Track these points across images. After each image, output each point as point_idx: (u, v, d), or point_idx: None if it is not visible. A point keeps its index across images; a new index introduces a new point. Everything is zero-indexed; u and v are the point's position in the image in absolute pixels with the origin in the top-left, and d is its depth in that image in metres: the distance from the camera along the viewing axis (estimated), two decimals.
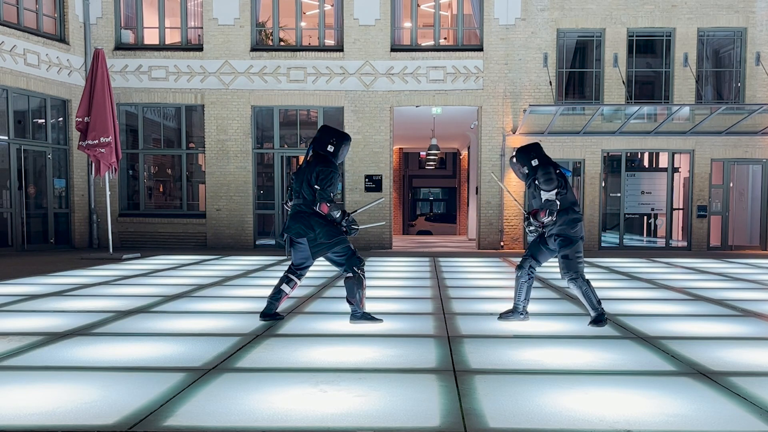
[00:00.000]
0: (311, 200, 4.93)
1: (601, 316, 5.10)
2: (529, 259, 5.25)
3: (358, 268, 5.06)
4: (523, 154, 5.16)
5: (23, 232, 13.04)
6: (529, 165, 5.11)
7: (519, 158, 5.17)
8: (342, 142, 5.02)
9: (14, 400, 3.16)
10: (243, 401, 3.16)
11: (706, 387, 3.46)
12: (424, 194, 33.81)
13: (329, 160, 4.99)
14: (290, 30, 15.16)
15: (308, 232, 4.93)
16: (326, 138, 5.01)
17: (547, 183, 4.96)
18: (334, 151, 4.98)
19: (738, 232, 15.19)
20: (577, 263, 5.05)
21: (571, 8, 14.24)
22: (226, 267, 10.08)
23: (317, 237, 4.94)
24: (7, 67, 12.51)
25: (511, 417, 2.97)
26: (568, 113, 14.30)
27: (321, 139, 5.01)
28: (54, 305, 6.16)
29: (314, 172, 4.90)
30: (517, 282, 5.29)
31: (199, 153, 14.93)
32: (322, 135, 5.05)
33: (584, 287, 5.05)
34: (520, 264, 5.29)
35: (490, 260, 11.83)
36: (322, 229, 4.95)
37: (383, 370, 3.76)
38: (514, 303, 5.34)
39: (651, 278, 8.77)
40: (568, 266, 5.05)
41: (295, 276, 5.19)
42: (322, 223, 4.95)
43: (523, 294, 5.28)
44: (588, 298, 5.08)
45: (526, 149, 5.20)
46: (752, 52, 14.16)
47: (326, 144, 4.98)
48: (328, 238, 4.96)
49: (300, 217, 4.98)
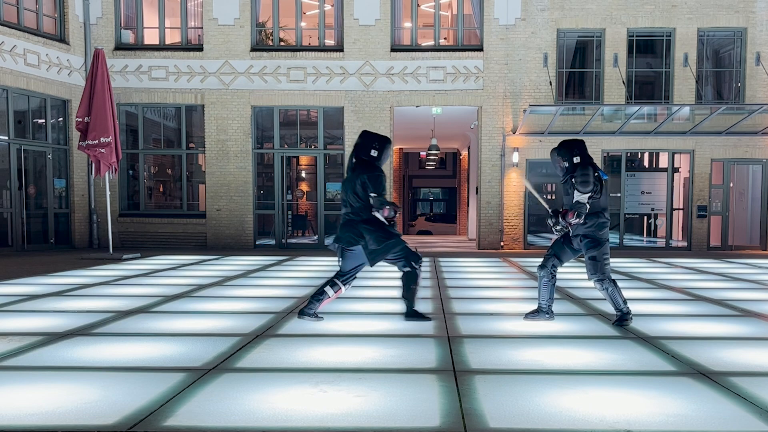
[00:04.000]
0: (359, 207, 4.96)
1: (626, 316, 5.14)
2: (552, 258, 5.26)
3: (417, 264, 5.11)
4: (567, 150, 5.08)
5: (23, 232, 13.04)
6: (570, 161, 5.04)
7: (561, 153, 5.10)
8: (384, 146, 5.06)
9: (14, 400, 3.16)
10: (243, 401, 3.15)
11: (706, 387, 3.46)
12: (424, 194, 33.81)
13: (373, 164, 5.02)
14: (290, 30, 15.16)
15: (359, 240, 4.96)
16: (369, 143, 5.03)
17: (583, 185, 4.91)
18: (378, 156, 5.02)
19: (738, 232, 15.19)
20: (604, 265, 5.06)
21: (571, 8, 14.24)
22: (226, 267, 10.08)
23: (368, 244, 4.96)
24: (7, 67, 12.51)
25: (511, 417, 2.96)
26: (568, 113, 14.30)
27: (363, 145, 5.04)
28: (54, 305, 6.15)
29: (360, 180, 4.92)
30: (540, 282, 5.31)
31: (199, 153, 14.93)
32: (364, 141, 5.06)
33: (610, 288, 5.08)
34: (543, 263, 5.29)
35: (490, 260, 11.83)
36: (371, 235, 4.97)
37: (383, 370, 3.76)
38: (539, 303, 5.36)
39: (651, 278, 8.77)
40: (595, 268, 5.06)
41: (341, 282, 5.17)
42: (371, 229, 4.98)
43: (547, 293, 5.30)
44: (614, 299, 5.11)
45: (570, 145, 5.12)
46: (752, 52, 14.16)
47: (369, 149, 5.01)
48: (378, 244, 4.98)
49: (350, 226, 5.01)
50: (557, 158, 5.13)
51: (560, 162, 5.11)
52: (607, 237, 5.12)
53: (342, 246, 5.06)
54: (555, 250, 5.27)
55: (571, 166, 5.04)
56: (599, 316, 5.69)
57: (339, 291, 5.19)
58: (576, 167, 5.00)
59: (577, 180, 4.92)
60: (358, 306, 6.19)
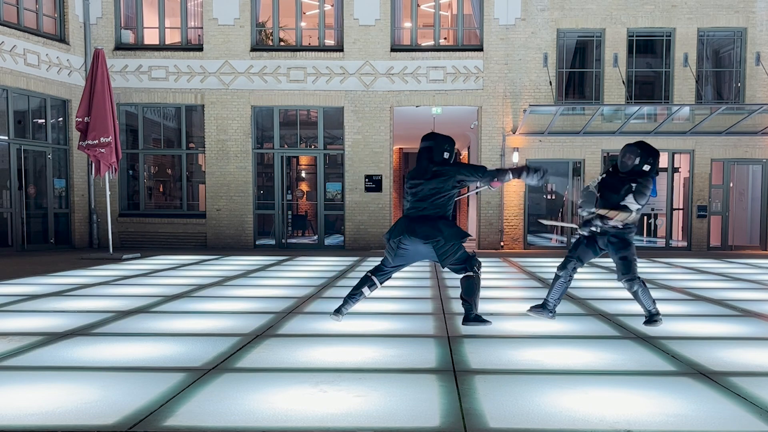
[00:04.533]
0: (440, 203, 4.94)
1: (655, 316, 5.13)
2: (574, 261, 5.24)
3: (478, 268, 5.05)
4: (645, 153, 4.98)
5: (23, 232, 13.04)
6: (641, 165, 4.97)
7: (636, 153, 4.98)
8: (454, 147, 5.11)
9: (14, 400, 3.16)
10: (243, 401, 3.15)
11: (706, 387, 3.46)
12: None
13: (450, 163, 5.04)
14: (290, 30, 15.16)
15: (437, 234, 4.92)
16: (442, 146, 5.05)
17: (642, 197, 4.93)
18: (450, 157, 5.06)
19: (738, 232, 15.20)
20: (635, 265, 5.09)
21: (571, 8, 14.24)
22: (226, 267, 10.08)
23: (446, 239, 4.92)
24: (7, 67, 12.51)
25: (511, 417, 2.96)
26: (568, 113, 14.30)
27: (437, 148, 5.04)
28: (54, 305, 6.15)
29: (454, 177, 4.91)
30: (556, 281, 5.29)
31: (199, 153, 14.93)
32: (437, 143, 5.06)
33: (641, 289, 5.09)
34: (564, 264, 5.27)
35: (490, 260, 11.83)
36: (450, 230, 4.95)
37: (383, 370, 3.76)
38: (546, 300, 5.34)
39: (651, 278, 8.76)
40: (627, 267, 5.06)
41: (378, 278, 5.15)
42: (449, 225, 4.98)
43: (558, 293, 5.30)
44: (644, 299, 5.12)
45: (649, 151, 5.01)
46: (752, 52, 14.16)
47: (443, 152, 5.04)
48: (458, 239, 4.96)
49: (426, 220, 4.96)
50: (629, 154, 5.02)
51: (630, 159, 5.00)
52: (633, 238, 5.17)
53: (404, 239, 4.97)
54: (579, 253, 5.24)
55: (639, 170, 4.97)
56: (599, 316, 5.69)
57: (375, 289, 5.19)
58: (641, 173, 4.97)
59: (639, 190, 4.92)
60: (358, 306, 6.18)
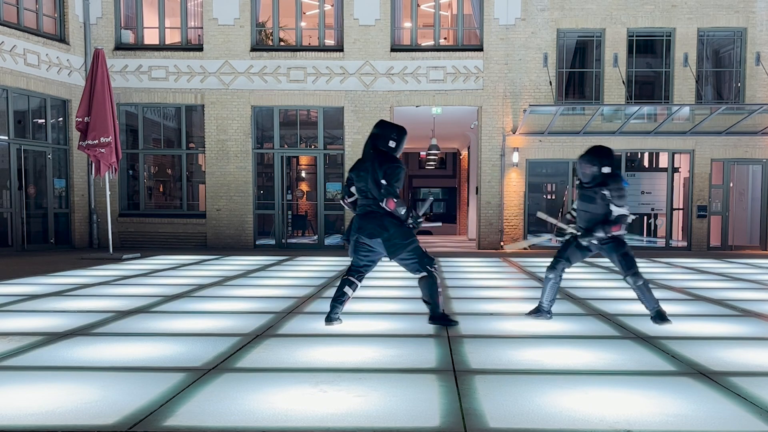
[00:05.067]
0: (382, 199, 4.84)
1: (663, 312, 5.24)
2: (563, 261, 5.32)
3: (431, 266, 5.00)
4: (598, 158, 5.08)
5: (23, 232, 13.04)
6: (599, 169, 5.06)
7: (593, 160, 5.08)
8: (402, 137, 4.95)
9: (14, 400, 3.16)
10: (243, 401, 3.15)
11: (706, 387, 3.46)
12: (424, 194, 33.79)
13: (393, 156, 4.89)
14: (290, 30, 15.16)
15: (382, 233, 4.84)
16: (388, 134, 4.90)
17: (621, 198, 5.04)
18: (396, 146, 4.91)
19: (738, 232, 15.19)
20: (635, 260, 5.21)
21: (571, 8, 14.24)
22: (226, 267, 10.08)
23: (392, 237, 4.84)
24: (7, 67, 12.51)
25: (511, 417, 2.96)
26: (568, 113, 14.30)
27: (382, 136, 4.90)
28: (54, 305, 6.15)
29: (381, 170, 4.78)
30: (546, 282, 5.37)
31: (199, 153, 14.93)
32: (383, 131, 4.92)
33: (645, 282, 5.21)
34: (553, 265, 5.34)
35: (490, 260, 11.83)
36: (397, 229, 4.86)
37: (383, 370, 3.76)
38: (541, 302, 5.42)
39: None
40: (630, 263, 5.19)
41: (356, 278, 5.07)
42: (396, 223, 4.87)
43: (551, 294, 5.38)
44: (648, 295, 5.23)
45: (602, 153, 5.10)
46: (752, 52, 14.16)
47: (388, 140, 4.88)
48: (404, 239, 4.88)
49: (372, 218, 4.86)
50: (585, 164, 5.12)
51: (588, 168, 5.10)
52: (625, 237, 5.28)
53: (360, 238, 4.91)
54: (568, 254, 5.32)
55: (600, 176, 5.06)
56: (599, 316, 5.69)
57: (356, 288, 5.12)
58: (606, 178, 5.05)
59: (614, 195, 5.02)
60: (358, 306, 6.18)
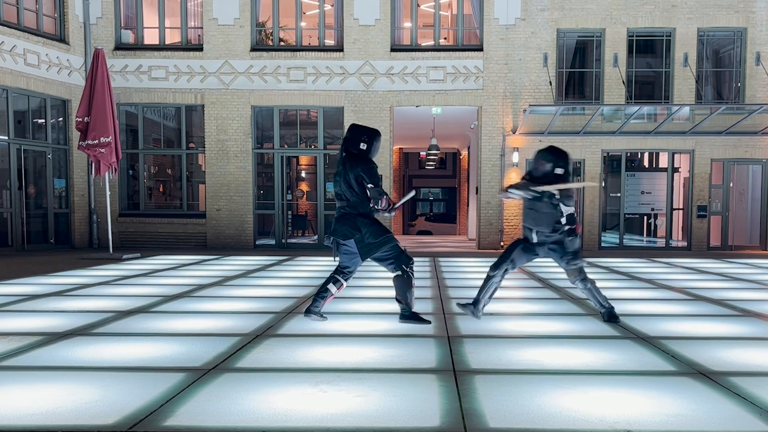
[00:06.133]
0: (355, 201, 4.92)
1: (613, 310, 5.34)
2: (507, 262, 5.30)
3: (407, 266, 5.03)
4: (554, 156, 5.12)
5: (23, 232, 13.04)
6: (553, 170, 5.09)
7: (549, 158, 5.12)
8: (374, 139, 5.00)
9: (14, 400, 3.16)
10: (243, 401, 3.16)
11: (706, 387, 3.46)
12: (424, 194, 33.79)
13: (365, 157, 4.96)
14: (290, 30, 15.16)
15: (355, 233, 4.90)
16: (357, 136, 4.97)
17: (569, 199, 5.13)
18: (368, 149, 4.97)
19: (738, 232, 15.19)
20: (584, 265, 5.27)
21: (571, 8, 14.24)
22: (226, 267, 10.08)
23: (364, 237, 4.91)
24: (7, 67, 12.51)
25: (511, 417, 2.97)
26: (568, 113, 14.30)
27: (353, 139, 4.98)
28: (54, 305, 6.15)
29: (354, 173, 4.87)
30: (488, 281, 5.33)
31: (199, 153, 14.93)
32: (353, 134, 5.01)
33: (593, 287, 5.28)
34: (498, 264, 5.31)
35: (490, 260, 11.80)
36: (369, 228, 4.93)
37: (383, 370, 3.76)
38: (477, 297, 5.37)
39: (651, 278, 8.76)
40: (578, 270, 5.24)
41: (342, 277, 5.12)
42: (368, 222, 4.94)
43: (490, 293, 5.36)
44: (598, 296, 5.30)
45: (560, 154, 5.16)
46: (752, 52, 14.16)
47: (358, 142, 4.95)
48: (375, 238, 4.94)
49: (346, 219, 4.95)
50: (541, 161, 5.17)
51: (542, 165, 5.15)
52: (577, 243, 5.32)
53: (337, 240, 4.99)
54: (514, 255, 5.31)
55: (552, 176, 5.11)
56: (599, 316, 5.68)
57: (341, 287, 5.15)
58: (558, 179, 5.09)
59: (564, 194, 5.09)
60: (358, 306, 6.19)
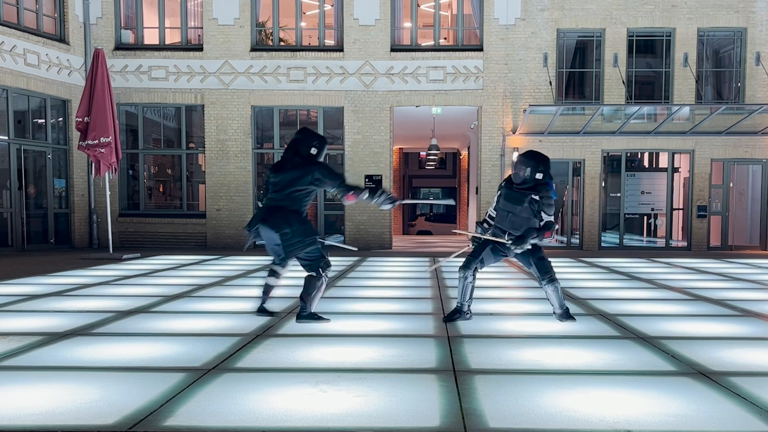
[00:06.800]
0: (296, 198, 5.03)
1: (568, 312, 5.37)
2: (476, 261, 5.32)
3: (323, 271, 5.11)
4: (535, 162, 5.09)
5: (23, 232, 13.04)
6: (533, 174, 5.08)
7: (530, 163, 5.09)
8: (324, 146, 5.18)
9: (14, 400, 3.15)
10: (243, 401, 3.16)
11: (706, 387, 3.46)
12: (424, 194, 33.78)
13: (315, 160, 5.12)
14: (290, 30, 15.16)
15: (285, 227, 4.97)
16: (309, 141, 5.13)
17: (550, 207, 5.09)
18: (317, 153, 5.14)
19: (738, 232, 15.19)
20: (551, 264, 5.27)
21: (571, 8, 14.24)
22: (226, 267, 10.08)
23: (294, 233, 4.98)
24: (7, 67, 12.51)
25: (511, 417, 2.96)
26: (568, 113, 14.30)
27: (304, 142, 5.12)
28: (54, 305, 6.15)
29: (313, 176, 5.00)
30: (462, 282, 5.34)
31: (199, 153, 14.93)
32: (305, 138, 5.16)
33: (559, 287, 5.28)
34: (466, 264, 5.32)
35: None
36: (301, 226, 5.01)
37: (383, 370, 3.76)
38: (459, 303, 5.37)
39: (651, 278, 8.76)
40: (546, 268, 5.21)
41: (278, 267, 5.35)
42: (301, 220, 5.04)
43: (468, 294, 5.35)
44: (559, 297, 5.29)
45: (540, 159, 5.13)
46: (752, 52, 14.16)
47: (309, 147, 5.11)
48: (306, 236, 5.01)
49: (279, 211, 5.04)
50: (521, 166, 5.13)
51: (524, 171, 5.11)
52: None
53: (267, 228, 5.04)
54: (483, 255, 5.33)
55: (531, 180, 5.09)
56: (599, 316, 5.69)
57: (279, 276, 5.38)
58: (538, 184, 5.08)
59: (545, 203, 5.06)
60: (358, 306, 6.19)
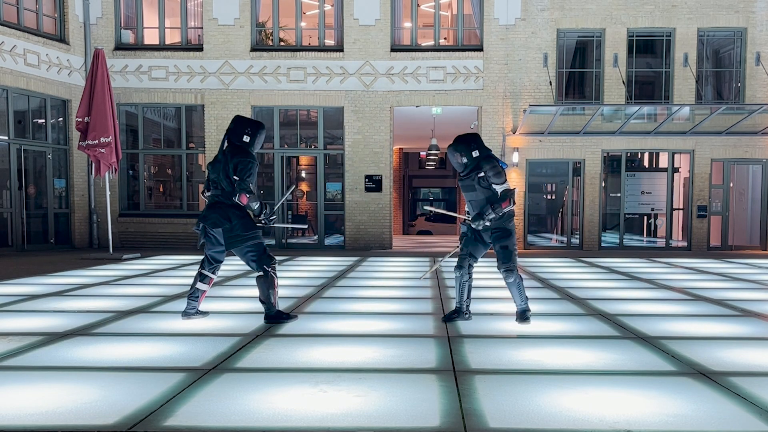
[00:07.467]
0: (230, 191, 4.96)
1: (527, 312, 5.21)
2: (467, 258, 5.25)
3: (269, 267, 5.04)
4: (464, 144, 5.05)
5: (23, 232, 13.04)
6: (469, 155, 5.02)
7: (459, 148, 5.05)
8: (257, 132, 5.04)
9: (14, 400, 3.16)
10: (243, 401, 3.16)
11: (706, 387, 3.46)
12: (424, 194, 33.79)
13: (246, 150, 5.01)
14: (290, 30, 15.16)
15: (224, 223, 4.94)
16: (241, 129, 5.02)
17: (498, 176, 4.98)
18: (250, 141, 5.01)
19: (738, 232, 15.19)
20: (515, 255, 5.11)
21: (571, 8, 14.24)
22: (225, 267, 10.06)
23: (233, 228, 4.94)
24: (7, 67, 12.51)
25: (511, 417, 2.96)
26: (568, 113, 14.30)
27: (236, 130, 5.03)
28: (54, 305, 6.15)
29: (232, 163, 4.92)
30: (458, 282, 5.28)
31: (199, 153, 14.93)
32: (237, 126, 5.05)
33: (518, 280, 5.12)
34: (460, 264, 5.26)
35: (490, 260, 11.81)
36: (240, 221, 4.96)
37: (383, 370, 3.76)
38: (458, 303, 5.33)
39: (651, 278, 8.76)
40: (507, 257, 5.08)
41: (209, 271, 5.18)
42: (240, 215, 4.98)
43: (465, 294, 5.31)
44: (520, 291, 5.16)
45: (467, 139, 5.09)
46: (752, 52, 14.16)
47: (242, 135, 5.00)
48: (245, 230, 4.97)
49: (218, 208, 4.98)
50: (455, 154, 5.07)
51: (459, 158, 5.06)
52: (514, 228, 5.18)
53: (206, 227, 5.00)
54: (470, 249, 5.25)
55: (471, 161, 5.03)
56: (599, 316, 5.69)
57: (211, 281, 5.22)
58: (478, 161, 5.01)
59: (490, 174, 4.96)
60: (358, 306, 6.19)
